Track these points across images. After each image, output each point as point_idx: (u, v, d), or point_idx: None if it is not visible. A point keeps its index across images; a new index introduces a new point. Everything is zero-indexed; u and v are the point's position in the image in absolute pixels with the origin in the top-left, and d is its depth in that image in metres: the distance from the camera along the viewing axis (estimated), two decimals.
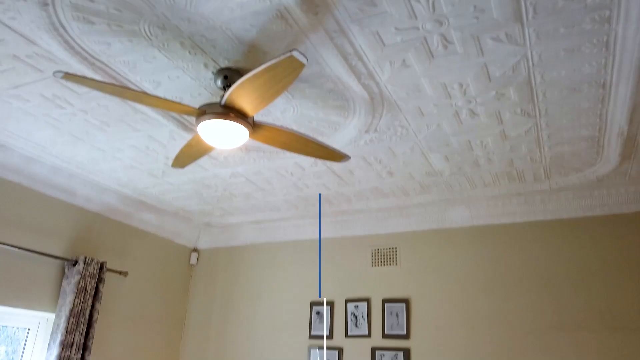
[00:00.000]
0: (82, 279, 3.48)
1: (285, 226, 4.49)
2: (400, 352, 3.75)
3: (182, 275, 4.74)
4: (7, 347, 3.49)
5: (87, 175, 3.53)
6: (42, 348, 3.44)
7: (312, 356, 4.05)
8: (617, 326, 3.19)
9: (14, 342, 3.49)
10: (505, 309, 3.53)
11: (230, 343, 4.42)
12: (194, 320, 4.67)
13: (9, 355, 3.45)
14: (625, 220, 3.37)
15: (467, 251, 3.80)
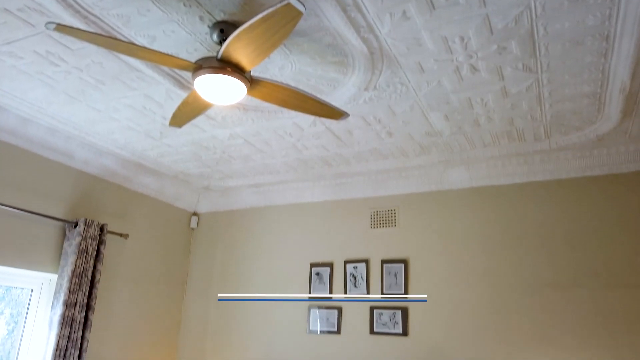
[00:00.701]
0: (83, 240, 3.51)
1: (284, 189, 4.50)
2: (398, 310, 3.81)
3: (182, 239, 4.78)
4: (11, 309, 3.55)
5: (85, 137, 3.51)
6: (45, 308, 3.49)
7: (312, 315, 4.12)
8: (612, 284, 3.23)
9: (18, 305, 3.55)
10: (502, 269, 3.57)
11: (231, 305, 4.49)
12: (196, 282, 4.73)
13: (13, 317, 3.51)
14: (624, 180, 3.37)
15: (465, 212, 3.81)
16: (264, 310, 4.33)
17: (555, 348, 3.27)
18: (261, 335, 4.27)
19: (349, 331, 3.95)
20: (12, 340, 3.44)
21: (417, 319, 3.74)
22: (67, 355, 3.31)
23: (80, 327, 3.42)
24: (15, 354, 3.40)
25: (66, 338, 3.32)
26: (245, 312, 4.41)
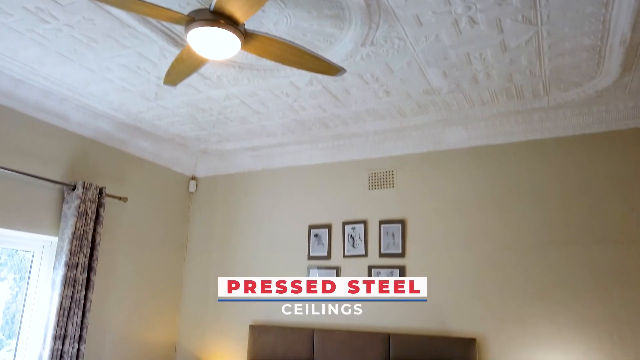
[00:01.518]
0: (82, 203, 3.52)
1: (282, 152, 4.49)
2: (396, 269, 3.87)
3: (181, 203, 4.80)
4: (14, 274, 3.59)
5: (79, 99, 3.47)
6: (47, 270, 3.54)
7: (311, 274, 4.18)
8: (606, 240, 3.27)
9: (21, 270, 3.59)
10: (499, 227, 3.61)
11: (231, 267, 4.55)
12: (196, 245, 4.78)
13: (17, 282, 3.56)
14: (622, 137, 3.37)
15: (463, 172, 3.82)
16: (265, 272, 4.38)
17: (550, 303, 3.33)
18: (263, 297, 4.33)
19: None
20: (16, 305, 3.50)
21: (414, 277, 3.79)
22: (71, 314, 3.37)
23: (83, 288, 3.47)
24: (20, 316, 3.47)
25: (69, 298, 3.37)
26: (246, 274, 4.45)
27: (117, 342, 3.95)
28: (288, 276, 4.24)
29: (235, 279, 3.99)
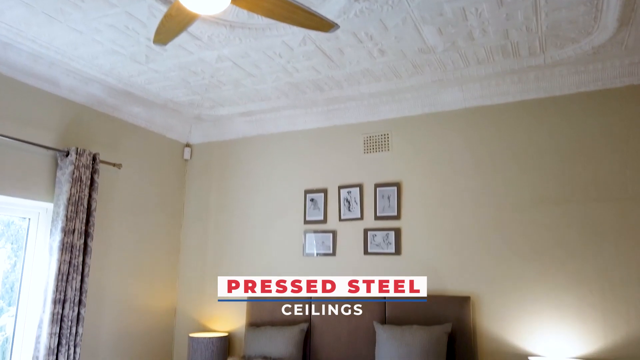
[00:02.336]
0: (75, 169, 3.50)
1: (277, 118, 4.46)
2: (392, 231, 3.90)
3: (176, 170, 4.78)
4: (12, 244, 3.60)
5: (68, 63, 3.41)
6: (44, 236, 3.55)
7: (308, 240, 4.22)
8: (601, 197, 3.30)
9: (18, 240, 3.60)
10: (494, 188, 3.62)
11: (228, 232, 4.58)
12: (192, 212, 4.79)
13: (14, 251, 3.56)
14: (618, 94, 3.35)
15: (458, 134, 3.81)
16: (261, 236, 4.42)
17: (543, 260, 3.38)
18: (259, 260, 4.38)
19: (343, 253, 4.06)
20: (15, 274, 3.51)
21: (409, 239, 3.84)
22: (70, 279, 3.40)
23: (81, 253, 3.49)
24: (19, 284, 3.49)
25: (67, 263, 3.39)
26: (243, 239, 4.50)
27: (116, 307, 4.00)
28: (285, 241, 4.30)
29: (236, 279, 3.94)
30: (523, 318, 3.37)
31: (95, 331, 3.79)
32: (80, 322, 3.44)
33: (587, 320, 3.19)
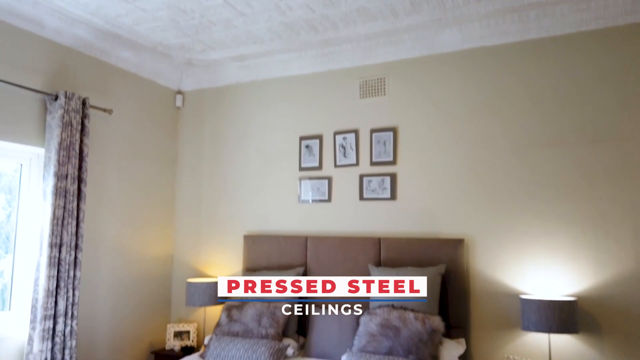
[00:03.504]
0: (65, 113, 3.43)
1: (270, 62, 4.35)
2: (387, 177, 3.89)
3: (168, 118, 4.71)
4: (6, 195, 3.57)
5: (52, 1, 3.27)
6: (37, 181, 3.52)
7: (303, 186, 4.21)
8: (597, 138, 3.28)
9: (12, 190, 3.56)
10: (491, 131, 3.59)
11: (223, 180, 4.57)
12: (186, 160, 4.76)
13: (9, 202, 3.53)
14: (619, 33, 3.27)
15: (456, 76, 3.74)
16: (256, 184, 4.41)
17: (538, 202, 3.40)
18: (254, 207, 4.39)
19: (339, 199, 4.07)
20: (10, 225, 3.50)
21: (405, 184, 3.83)
22: (65, 224, 3.40)
23: (75, 199, 3.47)
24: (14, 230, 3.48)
25: (62, 208, 3.38)
26: (238, 187, 4.49)
27: (113, 253, 4.03)
28: (280, 188, 4.29)
29: (236, 279, 3.76)
30: (516, 259, 3.42)
31: (94, 275, 3.83)
32: (78, 265, 3.47)
33: (579, 260, 3.25)
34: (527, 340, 3.32)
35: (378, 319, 3.25)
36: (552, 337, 3.19)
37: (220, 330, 3.67)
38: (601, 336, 3.14)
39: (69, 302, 3.39)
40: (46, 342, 3.22)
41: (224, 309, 3.80)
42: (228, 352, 3.36)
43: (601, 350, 3.13)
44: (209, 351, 3.44)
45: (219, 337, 3.53)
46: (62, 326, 3.33)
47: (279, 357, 3.33)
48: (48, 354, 3.23)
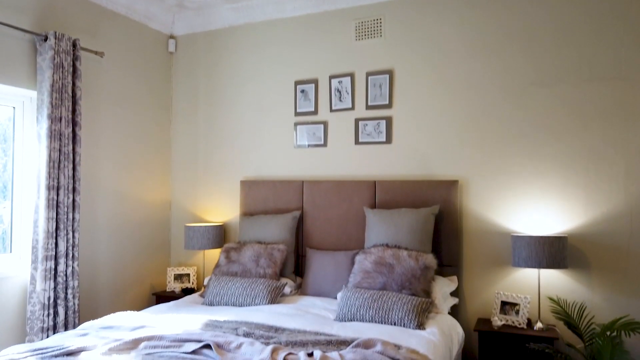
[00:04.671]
0: (56, 54, 3.37)
1: (264, 4, 4.24)
2: (383, 120, 3.89)
3: (161, 63, 4.63)
4: (1, 144, 3.54)
5: None
6: (31, 125, 3.50)
7: (299, 131, 4.21)
8: (593, 78, 3.27)
9: (6, 140, 3.54)
10: (487, 72, 3.56)
11: (219, 126, 4.55)
12: (181, 106, 4.72)
13: (4, 152, 3.51)
14: None
15: (454, 16, 3.67)
16: (252, 130, 4.40)
17: (531, 142, 3.42)
18: (250, 153, 4.40)
19: (334, 143, 4.08)
20: (7, 174, 3.49)
21: (400, 127, 3.84)
22: (62, 167, 3.41)
23: (70, 142, 3.47)
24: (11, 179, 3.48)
25: (57, 151, 3.38)
26: (233, 133, 4.48)
27: (111, 197, 4.07)
28: (275, 133, 4.29)
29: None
30: (508, 199, 3.48)
31: (93, 218, 3.88)
32: (77, 208, 3.50)
33: (570, 199, 3.30)
34: (517, 276, 3.42)
35: (373, 257, 3.33)
36: (542, 273, 3.29)
37: (219, 270, 3.76)
38: (589, 271, 3.24)
39: (69, 244, 3.45)
40: (49, 282, 3.30)
41: (223, 251, 3.88)
42: (227, 291, 3.46)
43: (589, 285, 3.23)
44: (208, 290, 3.54)
45: (218, 277, 3.63)
46: (64, 267, 3.40)
47: (277, 295, 3.44)
48: (51, 293, 3.31)
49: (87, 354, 2.25)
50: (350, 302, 3.06)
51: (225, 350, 2.22)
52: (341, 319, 3.03)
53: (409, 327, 2.85)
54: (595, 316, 3.07)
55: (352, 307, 3.03)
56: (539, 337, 3.01)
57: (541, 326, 3.11)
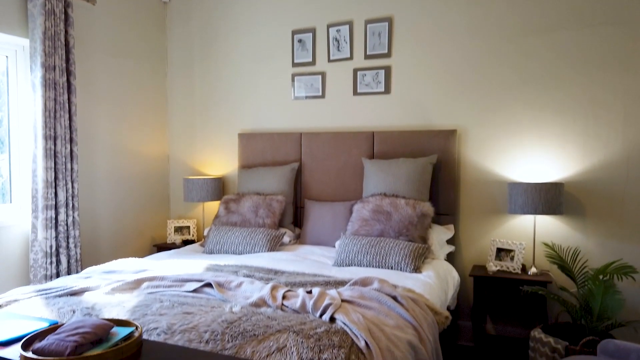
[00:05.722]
0: (47, 0, 3.28)
1: None
2: (382, 70, 3.84)
3: (155, 14, 4.53)
4: None
5: None
6: (25, 74, 3.45)
7: (296, 83, 4.16)
8: (595, 23, 3.21)
9: (2, 95, 3.48)
10: (488, 19, 3.50)
11: (215, 78, 4.49)
12: (176, 58, 4.64)
13: (0, 108, 3.46)
14: None
15: None
16: (249, 82, 4.35)
17: (530, 90, 3.40)
18: (248, 105, 4.37)
19: (333, 94, 4.04)
20: (3, 129, 3.45)
21: (399, 77, 3.79)
22: (58, 117, 3.38)
23: (65, 91, 3.43)
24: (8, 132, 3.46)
25: (52, 100, 3.35)
26: (230, 86, 4.43)
27: (109, 150, 4.06)
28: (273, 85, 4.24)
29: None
30: (506, 148, 3.48)
31: (91, 170, 3.88)
32: (74, 159, 3.50)
33: (568, 147, 3.31)
34: (513, 224, 3.47)
35: (370, 206, 3.36)
36: (538, 219, 3.33)
37: (219, 221, 3.80)
38: (584, 218, 3.28)
39: (69, 194, 3.47)
40: (50, 231, 3.33)
41: (222, 202, 3.91)
42: (227, 239, 3.51)
43: (583, 231, 3.28)
44: (208, 239, 3.58)
45: (217, 227, 3.67)
46: (64, 216, 3.43)
47: (276, 243, 3.49)
48: (53, 241, 3.35)
49: (90, 294, 2.30)
50: (348, 249, 3.11)
51: (225, 288, 2.27)
52: (339, 264, 3.09)
53: (405, 270, 2.91)
54: (589, 260, 3.13)
55: (350, 253, 3.08)
56: (533, 281, 3.08)
57: (535, 271, 3.17)
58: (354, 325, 1.84)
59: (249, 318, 1.92)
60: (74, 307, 2.10)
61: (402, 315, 2.08)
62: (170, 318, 1.94)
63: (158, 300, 2.14)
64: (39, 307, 2.14)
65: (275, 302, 2.09)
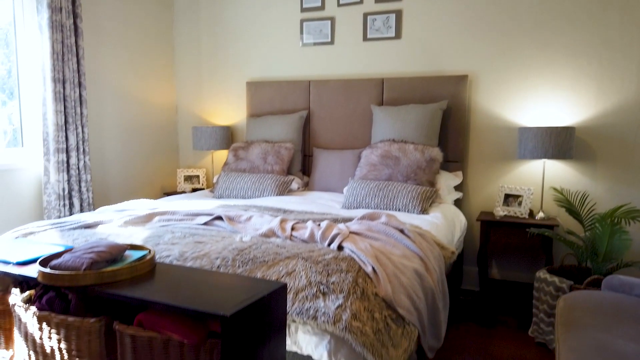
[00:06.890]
0: None
1: None
2: (392, 14, 3.75)
3: None
4: (3, 49, 3.46)
5: None
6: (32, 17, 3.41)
7: (305, 28, 4.09)
8: None
9: (8, 44, 3.45)
10: None
11: (222, 25, 4.42)
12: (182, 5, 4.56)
13: (7, 57, 3.44)
14: None
15: None
16: (257, 28, 4.27)
17: (544, 33, 3.31)
18: (256, 53, 4.31)
19: (342, 40, 3.97)
20: (12, 80, 3.44)
21: (410, 21, 3.71)
22: (65, 60, 3.37)
23: (72, 34, 3.40)
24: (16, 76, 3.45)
25: (60, 43, 3.33)
26: (238, 33, 4.36)
27: (118, 97, 4.05)
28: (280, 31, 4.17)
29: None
30: (518, 93, 3.43)
31: (101, 115, 3.89)
32: (84, 103, 3.51)
33: (581, 91, 3.25)
34: (521, 170, 3.46)
35: (379, 151, 3.36)
36: (547, 165, 3.31)
37: (228, 167, 3.82)
38: (594, 163, 3.26)
39: (79, 138, 3.50)
40: (62, 174, 3.38)
41: (231, 150, 3.92)
42: (236, 185, 3.55)
43: (592, 176, 3.27)
44: (218, 185, 3.62)
45: (227, 173, 3.70)
46: (76, 160, 3.47)
47: (285, 189, 3.52)
48: (65, 184, 3.41)
49: (104, 227, 2.35)
50: (356, 192, 3.13)
51: (236, 221, 2.31)
52: (347, 207, 3.12)
53: (413, 212, 2.93)
54: (597, 204, 3.13)
55: (358, 197, 3.10)
56: (540, 225, 3.09)
57: (542, 216, 3.19)
58: (362, 253, 1.87)
59: (259, 246, 1.96)
60: (88, 238, 2.16)
61: (409, 247, 2.11)
62: (182, 247, 1.98)
63: (170, 231, 2.19)
64: (55, 238, 2.20)
65: (285, 232, 2.12)
